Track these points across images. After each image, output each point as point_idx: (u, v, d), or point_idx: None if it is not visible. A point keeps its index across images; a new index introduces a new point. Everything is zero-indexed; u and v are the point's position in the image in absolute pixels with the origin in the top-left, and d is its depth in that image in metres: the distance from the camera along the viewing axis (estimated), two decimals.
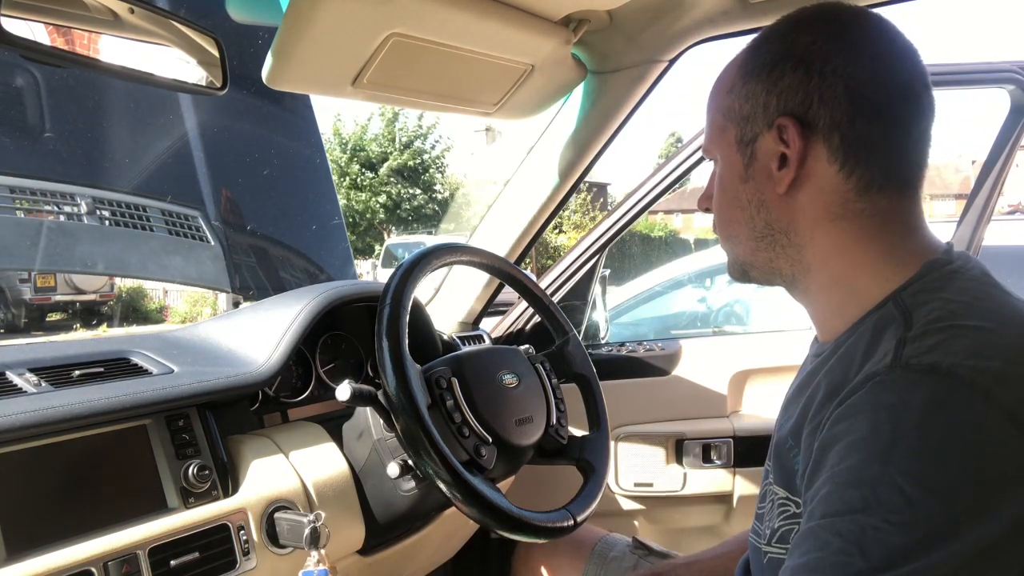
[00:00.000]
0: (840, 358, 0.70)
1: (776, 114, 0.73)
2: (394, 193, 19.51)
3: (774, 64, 0.73)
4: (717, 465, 1.78)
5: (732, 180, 0.78)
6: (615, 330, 2.46)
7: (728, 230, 0.81)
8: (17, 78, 2.12)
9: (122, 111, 2.40)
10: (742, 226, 0.78)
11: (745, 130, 0.76)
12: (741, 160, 0.77)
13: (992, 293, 0.67)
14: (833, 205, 0.72)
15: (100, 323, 10.58)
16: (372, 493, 1.19)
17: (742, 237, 0.79)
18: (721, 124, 0.78)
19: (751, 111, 0.75)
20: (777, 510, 0.75)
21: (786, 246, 0.76)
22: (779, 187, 0.74)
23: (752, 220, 0.77)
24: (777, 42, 0.75)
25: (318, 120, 2.83)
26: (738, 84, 0.77)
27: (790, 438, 0.74)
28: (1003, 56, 1.81)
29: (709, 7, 1.29)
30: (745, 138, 0.76)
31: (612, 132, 1.55)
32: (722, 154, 0.79)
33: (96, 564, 0.88)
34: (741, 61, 0.78)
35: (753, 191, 0.76)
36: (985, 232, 1.80)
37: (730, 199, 0.79)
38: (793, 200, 0.74)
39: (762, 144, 0.74)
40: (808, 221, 0.74)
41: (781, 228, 0.76)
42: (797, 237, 0.75)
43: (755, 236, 0.78)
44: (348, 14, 1.01)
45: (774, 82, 0.73)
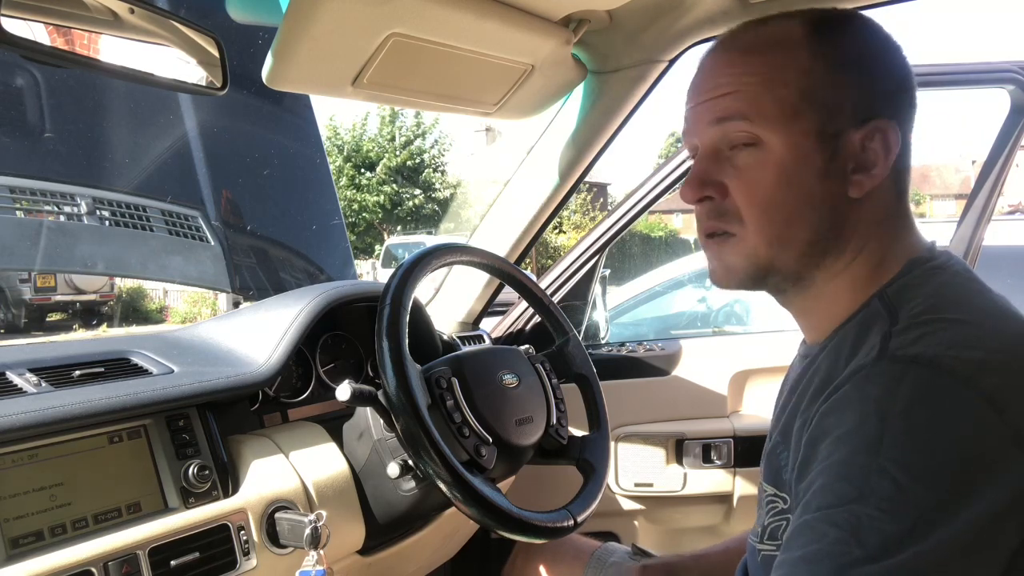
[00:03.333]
0: (827, 356, 0.70)
1: (869, 114, 0.69)
2: (393, 193, 19.51)
3: (864, 61, 0.70)
4: (717, 465, 1.78)
5: (805, 174, 0.69)
6: (615, 330, 2.46)
7: (785, 231, 0.71)
8: (17, 78, 2.12)
9: (122, 111, 2.39)
10: (806, 229, 0.70)
11: (828, 122, 0.69)
12: (821, 154, 0.69)
13: (973, 288, 0.69)
14: (887, 210, 0.72)
15: (100, 323, 10.59)
16: (372, 493, 1.19)
17: (799, 241, 0.71)
18: (794, 105, 0.69)
19: (838, 103, 0.69)
20: (767, 507, 0.75)
21: (830, 253, 0.71)
22: (854, 190, 0.69)
23: (820, 223, 0.70)
24: (852, 36, 0.71)
25: (317, 121, 2.83)
26: (820, 69, 0.69)
27: (778, 436, 0.75)
28: (1003, 56, 1.81)
29: (709, 7, 1.29)
30: (827, 131, 0.69)
31: (612, 132, 1.55)
32: (787, 140, 0.69)
33: (96, 564, 0.88)
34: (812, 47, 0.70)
35: (829, 191, 0.70)
36: (985, 232, 1.80)
37: (799, 196, 0.70)
38: (862, 205, 0.70)
39: (847, 142, 0.69)
40: (868, 227, 0.71)
41: (837, 233, 0.71)
42: (847, 244, 0.71)
43: (813, 241, 0.71)
44: (348, 14, 1.01)
45: (871, 80, 0.69)
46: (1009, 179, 1.80)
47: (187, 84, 1.03)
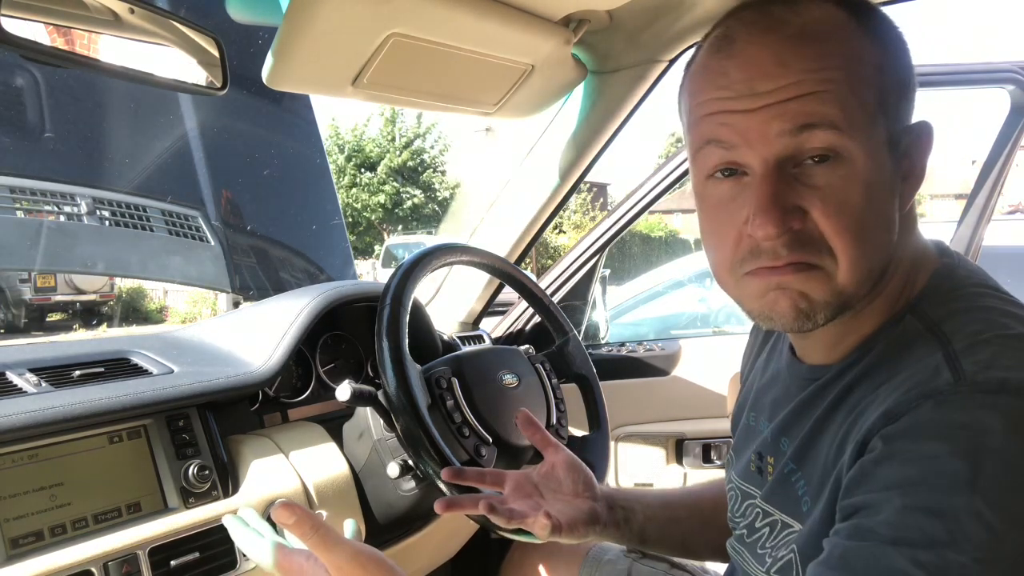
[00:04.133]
0: (857, 376, 0.65)
1: (908, 116, 0.62)
2: (393, 193, 19.51)
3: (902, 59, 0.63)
4: (717, 465, 1.78)
5: (884, 191, 0.60)
6: (615, 330, 2.46)
7: (872, 260, 0.61)
8: (17, 78, 2.12)
9: (122, 111, 2.40)
10: (882, 254, 0.62)
11: (895, 128, 0.61)
12: (890, 167, 0.61)
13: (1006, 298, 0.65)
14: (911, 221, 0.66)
15: (100, 323, 10.59)
16: (372, 493, 1.19)
17: (876, 270, 0.62)
18: (872, 113, 0.59)
19: (898, 104, 0.61)
20: (782, 537, 0.71)
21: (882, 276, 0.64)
22: (903, 203, 0.63)
23: (890, 244, 0.63)
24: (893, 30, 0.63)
25: (317, 121, 2.84)
26: (888, 65, 0.60)
27: (792, 463, 0.69)
28: (1003, 56, 1.81)
29: (709, 7, 1.29)
30: (893, 139, 0.61)
31: (612, 132, 1.55)
32: (868, 152, 0.59)
33: (96, 564, 0.88)
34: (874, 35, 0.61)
35: (894, 208, 0.62)
36: (985, 232, 1.80)
37: (880, 219, 0.61)
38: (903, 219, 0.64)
39: (902, 149, 0.62)
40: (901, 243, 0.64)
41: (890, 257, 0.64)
42: (889, 264, 0.64)
43: (884, 263, 0.63)
44: (348, 14, 1.01)
45: (909, 76, 0.62)
46: (1009, 179, 1.80)
47: (187, 84, 1.03)
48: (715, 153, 0.63)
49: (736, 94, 0.61)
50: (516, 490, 0.88)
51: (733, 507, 0.83)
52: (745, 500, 0.80)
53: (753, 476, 0.79)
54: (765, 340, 0.88)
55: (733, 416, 0.92)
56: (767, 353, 0.85)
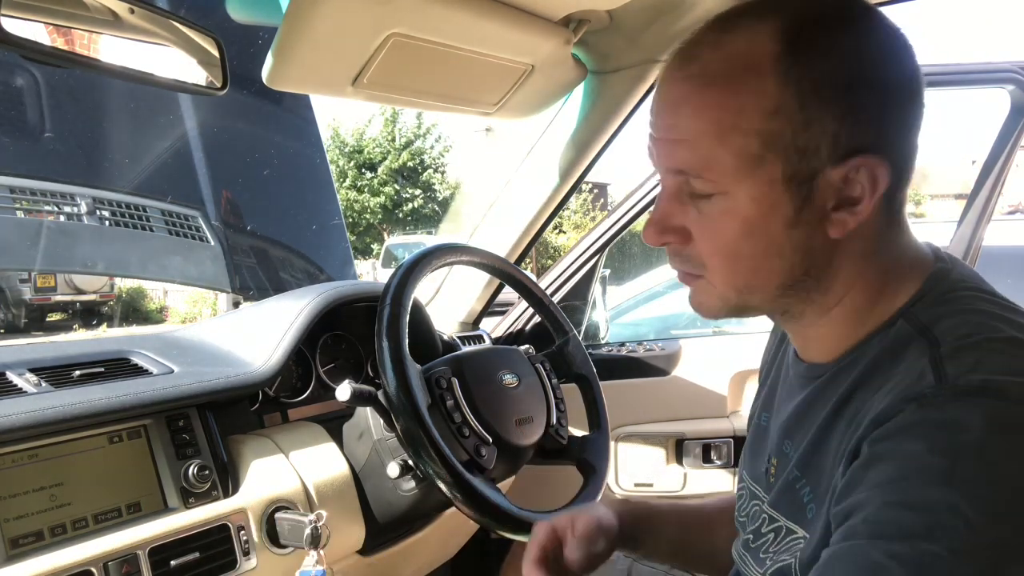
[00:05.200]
0: (854, 380, 0.66)
1: (849, 148, 0.61)
2: (393, 193, 19.51)
3: (846, 85, 0.60)
4: (717, 465, 1.78)
5: (771, 225, 0.63)
6: (615, 330, 2.46)
7: (752, 280, 0.67)
8: (17, 78, 2.12)
9: (122, 111, 2.40)
10: (775, 276, 0.66)
11: (801, 165, 0.62)
12: (791, 202, 0.63)
13: (999, 302, 0.66)
14: (874, 241, 0.66)
15: (100, 323, 10.58)
16: (372, 493, 1.19)
17: (768, 287, 0.67)
18: (756, 153, 0.62)
19: (813, 143, 0.61)
20: (785, 541, 0.71)
21: (812, 290, 0.67)
22: (834, 230, 0.63)
23: (791, 270, 0.65)
24: (837, 55, 0.61)
25: (317, 121, 2.84)
26: (791, 106, 0.60)
27: (797, 470, 0.70)
28: (1003, 56, 1.81)
29: (709, 7, 1.29)
30: (800, 175, 0.62)
31: (612, 132, 1.55)
32: (752, 191, 0.63)
33: (96, 564, 0.88)
34: (783, 75, 0.60)
35: (802, 238, 0.64)
36: (985, 232, 1.79)
37: (764, 248, 0.64)
38: (841, 244, 0.65)
39: (823, 182, 0.62)
40: (851, 263, 0.66)
41: (817, 274, 0.66)
42: (831, 281, 0.66)
43: (786, 286, 0.66)
44: (348, 14, 1.01)
45: (849, 108, 0.60)
46: (1009, 179, 1.79)
47: (187, 84, 1.03)
48: (651, 159, 0.70)
49: (652, 119, 0.68)
50: None
51: (740, 506, 0.84)
52: (752, 500, 0.80)
53: (761, 478, 0.79)
54: (782, 339, 0.89)
55: (750, 415, 0.92)
56: (781, 352, 0.86)
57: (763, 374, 0.92)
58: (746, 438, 0.89)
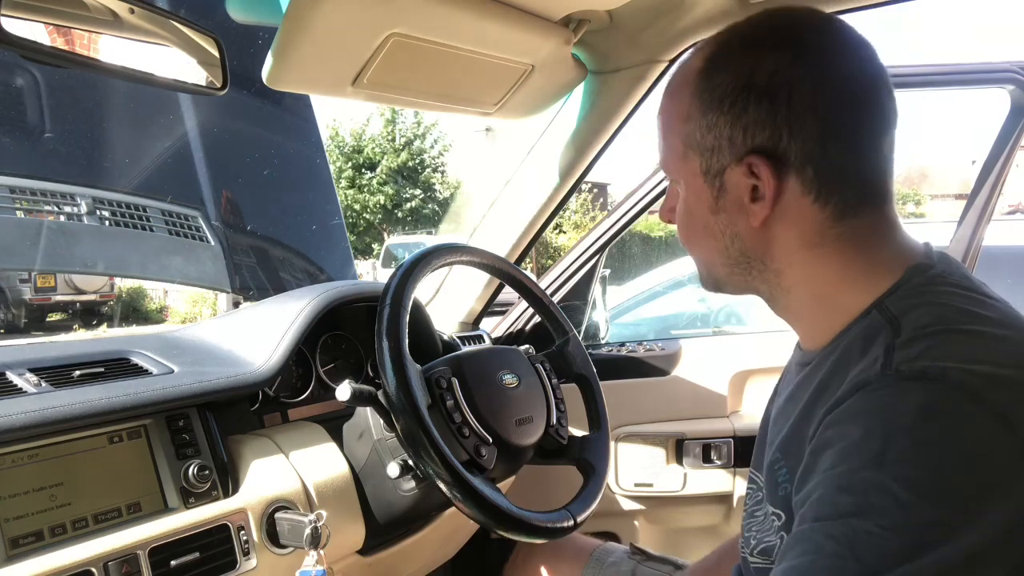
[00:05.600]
0: (829, 368, 0.69)
1: (744, 150, 0.69)
2: (393, 193, 19.51)
3: (736, 96, 0.69)
4: (717, 465, 1.78)
5: (700, 210, 0.75)
6: (615, 330, 2.46)
7: (699, 253, 0.79)
8: (17, 78, 2.12)
9: (122, 111, 2.40)
10: (715, 253, 0.76)
11: (711, 162, 0.72)
12: (710, 191, 0.73)
13: (975, 297, 0.67)
14: (809, 234, 0.71)
15: (100, 323, 10.57)
16: (372, 493, 1.19)
17: (717, 263, 0.77)
18: (682, 151, 0.74)
19: (715, 143, 0.71)
20: (769, 525, 0.75)
21: (763, 271, 0.75)
22: (753, 220, 0.71)
23: (727, 249, 0.75)
24: (733, 70, 0.69)
25: (317, 121, 2.84)
26: (696, 113, 0.72)
27: (778, 452, 0.73)
28: (1003, 56, 1.81)
29: (709, 7, 1.29)
30: (712, 170, 0.72)
31: (612, 132, 1.55)
32: (686, 181, 0.75)
33: (96, 564, 0.88)
34: (695, 87, 0.72)
35: (726, 223, 0.74)
36: (985, 232, 1.79)
37: (700, 228, 0.76)
38: (768, 231, 0.72)
39: (731, 177, 0.71)
40: (785, 250, 0.72)
41: (757, 256, 0.74)
42: (774, 263, 0.73)
43: (729, 262, 0.76)
44: (348, 14, 1.01)
45: (737, 116, 0.69)
46: (1009, 179, 1.79)
47: (187, 84, 1.03)
48: None
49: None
50: None
51: (748, 498, 0.86)
52: (757, 492, 0.83)
53: (760, 464, 0.82)
54: None
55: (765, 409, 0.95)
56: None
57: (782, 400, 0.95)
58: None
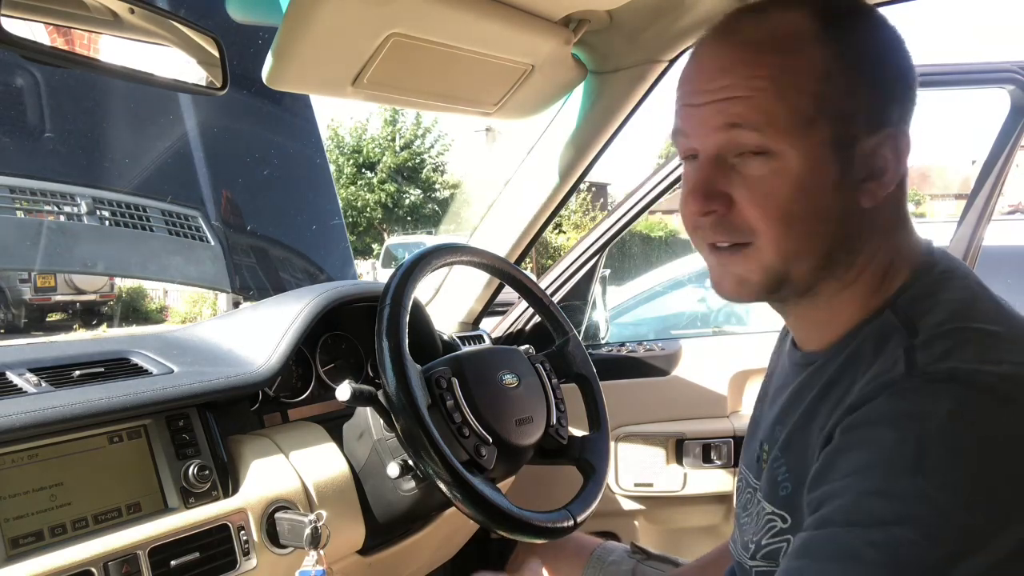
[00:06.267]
0: (838, 368, 0.69)
1: (883, 120, 0.66)
2: (393, 193, 19.51)
3: (882, 61, 0.66)
4: (717, 465, 1.78)
5: (819, 187, 0.66)
6: (615, 330, 2.46)
7: (803, 244, 0.67)
8: (17, 78, 2.12)
9: (122, 111, 2.40)
10: (821, 241, 0.67)
11: (844, 130, 0.65)
12: (836, 166, 0.65)
13: (983, 295, 0.68)
14: (892, 217, 0.69)
15: (100, 323, 10.57)
16: (372, 493, 1.19)
17: (815, 254, 0.68)
18: (809, 115, 0.64)
19: (854, 109, 0.65)
20: (764, 526, 0.74)
21: (841, 264, 0.69)
22: (866, 199, 0.66)
23: (833, 236, 0.67)
24: (864, 29, 0.67)
25: (317, 121, 2.84)
26: (837, 72, 0.64)
27: (779, 451, 0.72)
28: (1003, 56, 1.81)
29: (709, 7, 1.29)
30: (843, 140, 0.65)
31: (612, 132, 1.55)
32: (805, 152, 0.65)
33: (96, 564, 0.88)
34: (828, 40, 0.65)
35: (843, 202, 0.66)
36: (985, 232, 1.79)
37: (813, 210, 0.66)
38: (871, 215, 0.68)
39: (860, 150, 0.66)
40: (875, 237, 0.69)
41: (852, 246, 0.68)
42: (858, 255, 0.69)
43: (827, 253, 0.68)
44: (348, 14, 1.01)
45: (885, 83, 0.66)
46: (1009, 179, 1.79)
47: (187, 84, 1.03)
48: (680, 141, 0.73)
49: (691, 90, 0.70)
50: None
51: (737, 496, 0.85)
52: (745, 489, 0.82)
53: (754, 465, 0.81)
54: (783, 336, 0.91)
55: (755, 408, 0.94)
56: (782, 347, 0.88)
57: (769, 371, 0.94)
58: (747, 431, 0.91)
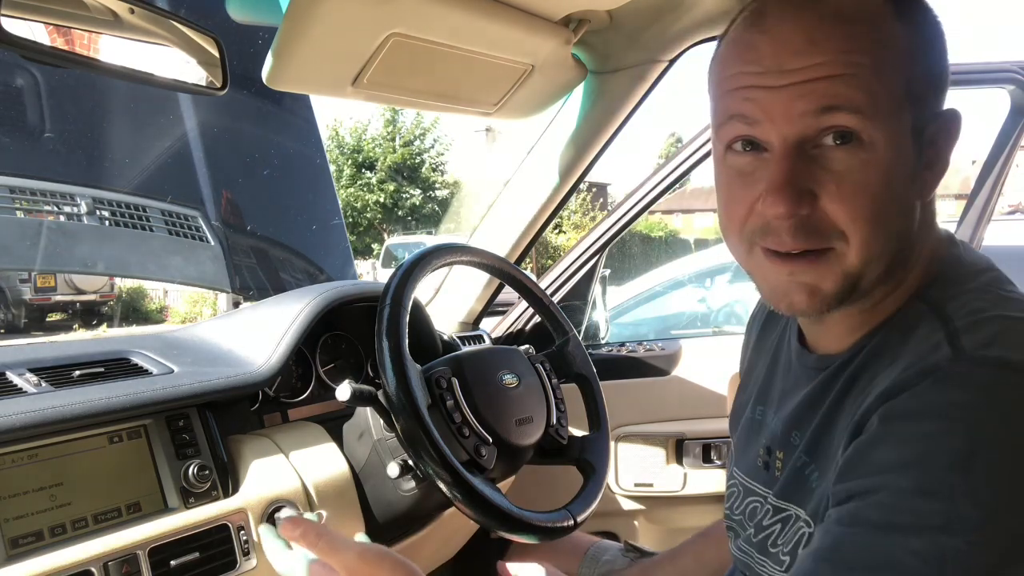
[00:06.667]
0: (862, 363, 0.64)
1: (939, 106, 0.62)
2: (393, 192, 19.52)
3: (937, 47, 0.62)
4: (717, 465, 1.78)
5: (903, 179, 0.60)
6: (615, 330, 2.46)
7: (887, 245, 0.61)
8: (17, 78, 2.12)
9: (122, 111, 2.40)
10: (896, 241, 0.62)
11: (920, 115, 0.60)
12: (915, 154, 0.60)
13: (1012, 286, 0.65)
14: (931, 211, 0.65)
15: (100, 323, 10.58)
16: (372, 493, 1.19)
17: (890, 255, 0.62)
18: (899, 98, 0.58)
19: (927, 93, 0.61)
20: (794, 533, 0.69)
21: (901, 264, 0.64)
22: (926, 191, 0.62)
23: (905, 234, 0.62)
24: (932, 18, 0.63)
25: (317, 121, 2.84)
26: (919, 52, 0.60)
27: (804, 455, 0.68)
28: (1003, 56, 1.81)
29: (709, 7, 1.29)
30: (919, 126, 0.60)
31: (612, 132, 1.55)
32: (890, 138, 0.58)
33: (96, 564, 0.88)
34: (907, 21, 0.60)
35: (914, 195, 0.62)
36: (985, 232, 1.80)
37: (897, 205, 0.60)
38: (925, 208, 0.64)
39: (927, 137, 0.61)
40: (922, 231, 0.65)
41: (912, 244, 0.64)
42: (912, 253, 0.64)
43: (897, 253, 0.62)
44: (348, 14, 1.01)
45: (942, 70, 0.62)
46: (1009, 179, 1.80)
47: (187, 84, 1.02)
48: (737, 127, 0.63)
49: (764, 69, 0.60)
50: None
51: (733, 503, 0.82)
52: (747, 496, 0.79)
53: (759, 472, 0.78)
54: (763, 332, 0.88)
55: (733, 411, 0.92)
56: (773, 344, 0.84)
57: (744, 370, 0.91)
58: (736, 435, 0.88)
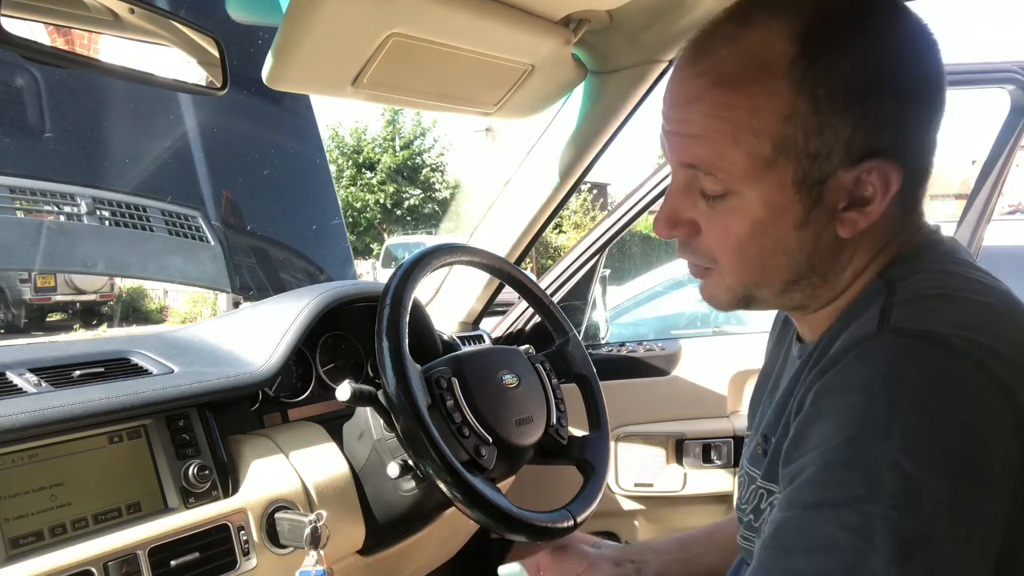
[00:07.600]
0: (826, 346, 0.67)
1: (860, 153, 0.61)
2: (393, 193, 19.52)
3: (864, 90, 0.60)
4: (717, 465, 1.78)
5: (779, 226, 0.64)
6: (615, 330, 2.46)
7: (760, 275, 0.67)
8: (17, 78, 2.12)
9: (122, 111, 2.40)
10: (780, 273, 0.67)
11: (812, 169, 0.61)
12: (801, 204, 0.63)
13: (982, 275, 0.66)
14: (884, 237, 0.66)
15: (100, 323, 10.58)
16: (372, 493, 1.19)
17: (775, 283, 0.68)
18: (768, 157, 0.61)
19: (825, 147, 0.61)
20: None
21: (818, 285, 0.68)
22: (844, 230, 0.63)
23: (798, 267, 0.66)
24: (854, 54, 0.60)
25: (317, 121, 2.84)
26: (804, 110, 0.60)
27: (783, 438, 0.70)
28: (1003, 56, 1.81)
29: (709, 7, 1.28)
30: (811, 179, 0.62)
31: (612, 132, 1.55)
32: (764, 193, 0.63)
33: (96, 564, 0.88)
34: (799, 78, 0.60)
35: (809, 236, 0.64)
36: (985, 232, 1.80)
37: (772, 247, 0.65)
38: (851, 241, 0.65)
39: (834, 184, 0.62)
40: (860, 257, 0.67)
41: (824, 271, 0.66)
42: (837, 275, 0.67)
43: (790, 281, 0.67)
44: (348, 14, 1.01)
45: (863, 113, 0.60)
46: (1009, 179, 1.80)
47: (187, 84, 1.03)
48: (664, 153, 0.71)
49: (664, 112, 0.68)
50: None
51: (741, 494, 0.84)
52: (751, 484, 0.81)
53: (757, 458, 0.79)
54: (782, 329, 0.90)
55: (750, 407, 0.93)
56: (786, 340, 0.87)
57: (767, 363, 0.93)
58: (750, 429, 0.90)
